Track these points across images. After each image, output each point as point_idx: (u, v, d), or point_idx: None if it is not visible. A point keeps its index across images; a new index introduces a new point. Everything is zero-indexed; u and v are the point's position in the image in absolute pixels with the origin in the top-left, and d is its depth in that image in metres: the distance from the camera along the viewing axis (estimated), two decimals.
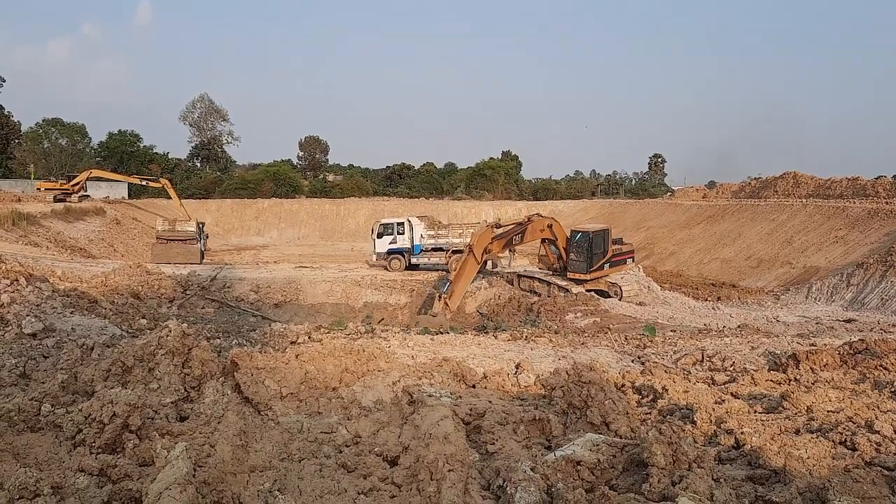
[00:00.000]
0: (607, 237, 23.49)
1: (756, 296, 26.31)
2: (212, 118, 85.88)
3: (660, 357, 10.82)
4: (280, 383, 5.75)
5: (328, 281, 26.73)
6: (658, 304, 22.33)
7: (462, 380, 6.92)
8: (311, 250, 46.65)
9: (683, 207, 48.90)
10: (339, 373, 6.38)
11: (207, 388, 5.76)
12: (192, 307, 21.53)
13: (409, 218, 31.44)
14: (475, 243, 21.35)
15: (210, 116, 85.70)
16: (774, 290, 27.40)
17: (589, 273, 22.79)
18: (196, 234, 33.25)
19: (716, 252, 35.71)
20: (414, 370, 7.10)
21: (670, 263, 37.31)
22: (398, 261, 30.17)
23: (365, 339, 11.45)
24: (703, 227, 41.15)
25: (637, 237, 42.12)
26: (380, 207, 62.09)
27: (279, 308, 24.29)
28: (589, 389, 5.06)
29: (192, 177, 77.80)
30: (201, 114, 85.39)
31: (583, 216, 57.45)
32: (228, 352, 6.83)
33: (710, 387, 6.92)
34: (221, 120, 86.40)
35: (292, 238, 57.68)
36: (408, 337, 12.35)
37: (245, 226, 59.35)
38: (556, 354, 11.15)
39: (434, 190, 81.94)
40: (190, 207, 54.06)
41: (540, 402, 5.78)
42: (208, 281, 24.92)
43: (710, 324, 18.07)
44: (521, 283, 25.87)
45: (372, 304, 25.56)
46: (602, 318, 19.02)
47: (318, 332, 13.99)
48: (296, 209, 62.81)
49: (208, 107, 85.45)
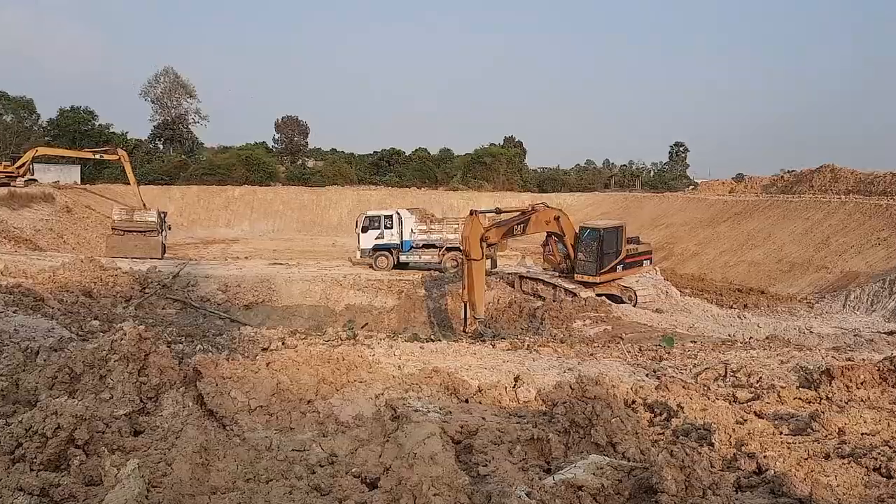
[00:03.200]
0: (621, 235, 23.54)
1: (787, 303, 26.44)
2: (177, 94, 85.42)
3: (677, 371, 10.87)
4: (248, 395, 5.76)
5: (306, 280, 26.67)
6: (677, 312, 22.39)
7: (454, 393, 6.95)
8: (287, 245, 46.54)
9: (707, 203, 49.06)
10: (316, 384, 6.39)
11: (166, 399, 5.77)
12: (151, 307, 21.47)
13: (398, 210, 31.40)
14: (468, 239, 21.27)
15: (175, 92, 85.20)
16: (808, 297, 27.55)
17: (599, 275, 22.83)
18: (157, 225, 33.11)
19: (743, 254, 35.85)
20: (400, 382, 7.13)
21: (692, 266, 37.43)
22: (385, 258, 30.16)
23: (346, 347, 11.41)
24: (729, 226, 41.29)
25: (655, 235, 42.22)
26: (365, 198, 61.99)
27: (250, 310, 24.24)
28: (594, 406, 5.09)
29: (153, 160, 77.42)
30: (165, 89, 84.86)
31: (594, 211, 57.54)
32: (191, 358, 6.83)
33: (732, 404, 6.96)
34: (187, 96, 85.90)
35: (266, 231, 57.53)
36: (394, 344, 12.36)
37: (213, 216, 59.15)
38: (561, 366, 11.17)
39: (427, 179, 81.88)
40: (150, 194, 53.85)
41: (540, 419, 5.80)
42: (170, 278, 24.82)
43: (736, 334, 18.14)
44: (524, 285, 25.89)
45: (355, 307, 25.54)
46: (614, 327, 19.06)
47: (293, 337, 13.99)
48: (270, 198, 62.65)
49: (173, 81, 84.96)
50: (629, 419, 5.03)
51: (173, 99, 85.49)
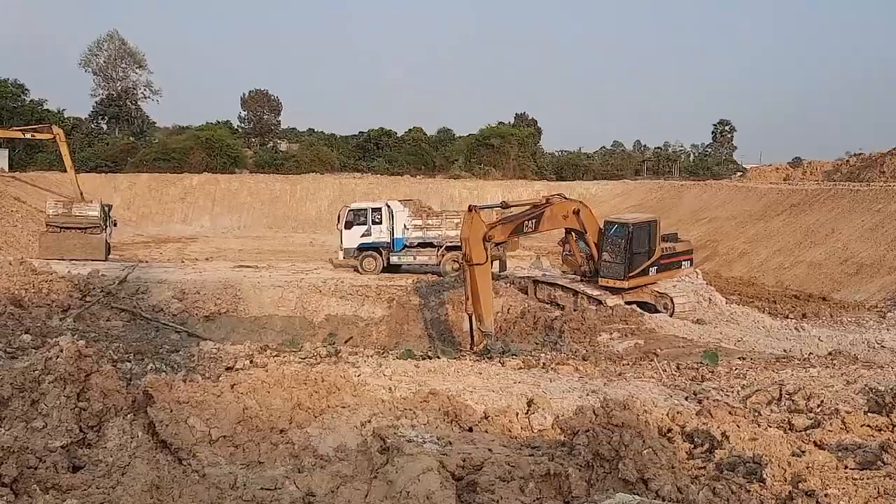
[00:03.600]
0: (654, 231, 23.53)
1: (854, 312, 26.40)
2: (123, 64, 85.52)
3: (723, 393, 10.88)
4: (209, 423, 5.78)
5: (278, 286, 26.68)
6: (722, 323, 22.37)
7: (455, 420, 6.96)
8: (256, 244, 46.52)
9: (758, 193, 49.05)
10: (290, 409, 6.40)
11: (110, 427, 5.77)
12: (93, 319, 21.43)
13: (388, 202, 31.41)
14: (467, 241, 21.22)
15: (121, 61, 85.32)
16: (879, 304, 27.51)
17: (628, 279, 22.84)
18: (100, 221, 33.12)
19: (801, 253, 35.84)
20: (390, 407, 7.14)
21: (740, 267, 37.44)
22: (373, 260, 30.18)
23: (326, 365, 11.41)
24: (784, 220, 41.29)
25: (696, 232, 42.23)
26: (349, 187, 61.94)
27: (211, 322, 24.28)
28: (622, 435, 5.10)
29: (95, 142, 77.51)
30: (110, 58, 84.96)
31: (622, 203, 57.54)
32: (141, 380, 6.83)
33: (787, 433, 6.96)
34: (137, 67, 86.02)
35: (230, 227, 57.48)
36: (384, 362, 12.37)
37: (167, 209, 59.10)
38: (583, 388, 11.19)
39: (423, 165, 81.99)
40: (92, 183, 53.82)
41: (557, 450, 5.81)
42: (116, 284, 24.83)
43: (792, 350, 18.14)
44: (539, 291, 25.87)
45: (337, 318, 25.55)
46: (647, 341, 19.06)
47: (263, 354, 13.99)
48: (236, 188, 62.61)
49: (119, 49, 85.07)
50: (664, 451, 5.04)
51: (119, 70, 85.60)
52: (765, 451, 5.91)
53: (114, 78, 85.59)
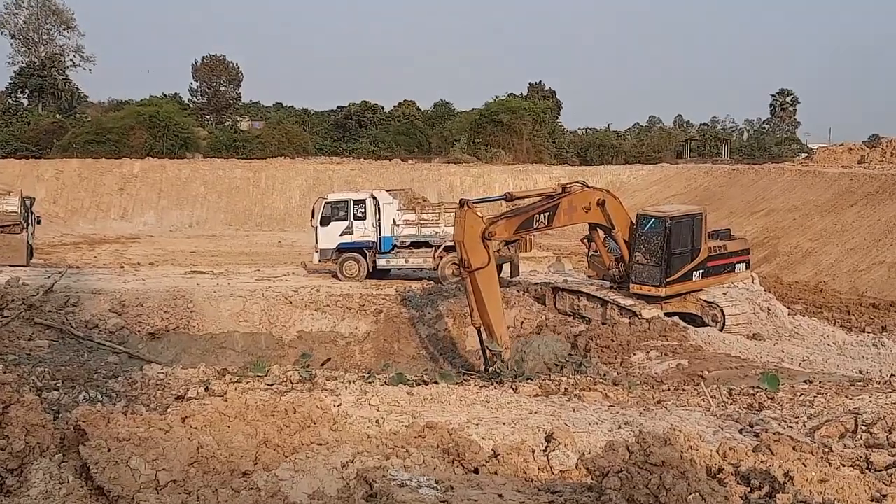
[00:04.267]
0: (698, 227, 23.43)
1: None
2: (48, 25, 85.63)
3: (785, 425, 10.87)
4: (156, 464, 5.77)
5: (239, 296, 26.64)
6: (784, 339, 22.39)
7: (457, 460, 6.96)
8: (212, 245, 46.55)
9: (827, 178, 49.07)
10: (255, 448, 6.40)
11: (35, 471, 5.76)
12: (12, 338, 21.39)
13: (373, 193, 31.40)
14: (462, 244, 21.11)
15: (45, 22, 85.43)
16: None
17: (666, 286, 22.85)
18: (19, 218, 33.12)
19: (880, 252, 35.84)
20: (378, 444, 7.13)
21: (805, 270, 37.45)
22: (355, 263, 30.18)
23: (299, 393, 11.37)
24: (858, 212, 41.29)
25: (750, 227, 42.25)
26: (326, 175, 62.02)
27: (157, 340, 24.25)
28: (663, 477, 5.09)
29: (14, 121, 77.53)
30: (30, 17, 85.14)
31: (661, 192, 57.62)
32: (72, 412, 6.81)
33: (864, 473, 6.96)
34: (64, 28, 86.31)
35: (180, 224, 57.54)
36: (370, 389, 12.35)
37: (102, 203, 59.10)
38: (615, 419, 11.18)
39: (416, 147, 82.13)
40: (11, 171, 53.89)
41: (584, 496, 5.81)
42: (40, 294, 24.74)
43: (870, 371, 18.13)
44: (559, 301, 25.88)
45: (312, 335, 25.54)
46: (691, 361, 19.06)
47: (221, 380, 13.96)
48: (187, 176, 62.62)
49: (42, 6, 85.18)
50: (714, 495, 5.04)
51: (42, 32, 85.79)
52: (837, 496, 5.91)
53: (36, 42, 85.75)
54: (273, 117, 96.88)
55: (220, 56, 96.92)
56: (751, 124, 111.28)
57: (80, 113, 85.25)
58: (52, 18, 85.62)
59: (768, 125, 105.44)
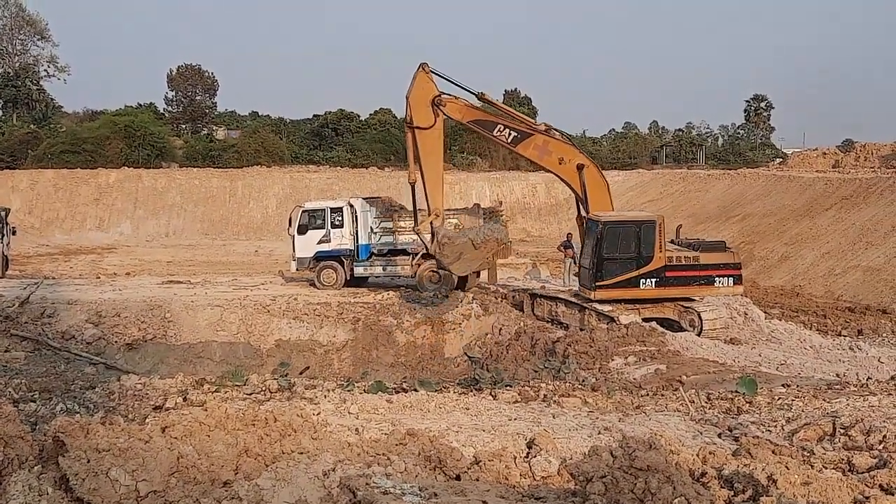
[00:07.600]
0: (650, 235, 22.76)
1: None
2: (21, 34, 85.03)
3: (764, 428, 10.92)
4: (135, 475, 5.72)
5: (216, 305, 26.58)
6: (761, 343, 22.54)
7: (439, 466, 6.94)
8: (189, 254, 46.31)
9: (802, 183, 49.48)
10: (235, 457, 6.36)
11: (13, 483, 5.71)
12: None
13: (350, 201, 31.33)
14: (409, 101, 21.27)
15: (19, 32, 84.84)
16: None
17: (595, 289, 23.03)
18: None
19: (855, 256, 36.15)
20: (359, 451, 7.10)
21: (781, 275, 37.74)
22: (333, 271, 30.09)
23: (278, 402, 11.37)
24: (834, 216, 41.65)
25: (727, 232, 42.53)
26: (303, 183, 61.88)
27: (135, 351, 24.19)
28: (648, 481, 5.09)
29: None
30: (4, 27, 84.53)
31: (637, 198, 57.85)
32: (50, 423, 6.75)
33: (846, 475, 6.99)
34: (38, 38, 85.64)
35: (157, 234, 57.24)
36: (349, 397, 12.31)
37: (77, 213, 58.68)
38: (595, 425, 11.19)
39: (393, 154, 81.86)
40: None
41: (567, 501, 5.80)
42: (16, 306, 24.72)
43: (847, 374, 18.27)
44: (537, 307, 25.93)
45: (290, 344, 25.55)
46: (669, 366, 19.10)
47: (200, 389, 13.92)
48: (163, 186, 62.28)
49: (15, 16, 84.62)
50: (700, 499, 5.04)
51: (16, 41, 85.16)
52: (821, 498, 5.93)
53: (9, 52, 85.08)
54: (249, 126, 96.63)
55: (195, 65, 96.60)
56: (725, 130, 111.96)
57: (54, 123, 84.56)
58: (26, 28, 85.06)
59: (743, 130, 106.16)
